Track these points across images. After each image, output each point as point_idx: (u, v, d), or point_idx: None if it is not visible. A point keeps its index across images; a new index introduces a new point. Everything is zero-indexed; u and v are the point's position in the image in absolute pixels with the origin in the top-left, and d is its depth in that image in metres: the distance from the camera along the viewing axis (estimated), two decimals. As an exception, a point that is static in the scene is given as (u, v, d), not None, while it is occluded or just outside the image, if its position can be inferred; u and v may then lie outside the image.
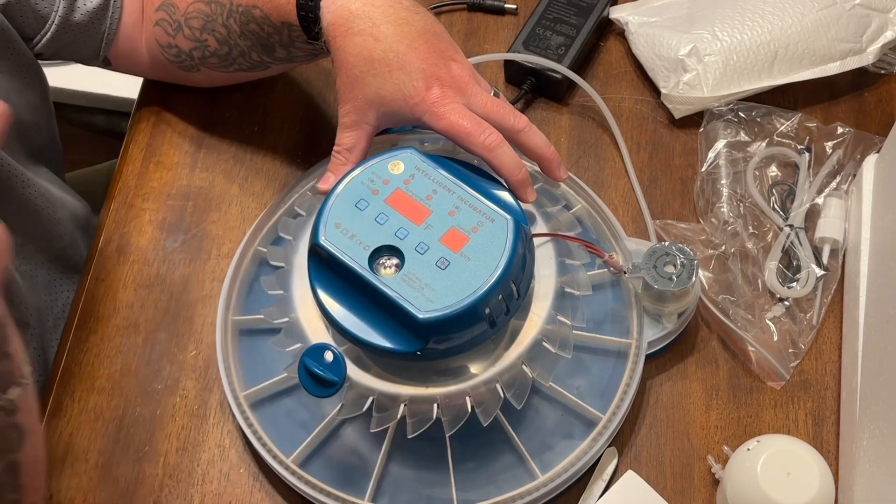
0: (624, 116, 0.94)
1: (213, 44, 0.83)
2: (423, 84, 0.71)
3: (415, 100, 0.72)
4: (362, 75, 0.72)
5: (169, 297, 0.86)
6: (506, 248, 0.66)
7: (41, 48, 0.87)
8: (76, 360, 0.83)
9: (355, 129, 0.74)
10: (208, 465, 0.78)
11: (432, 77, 0.72)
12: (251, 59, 0.84)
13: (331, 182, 0.73)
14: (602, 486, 0.76)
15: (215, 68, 0.87)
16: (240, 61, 0.84)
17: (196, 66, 0.87)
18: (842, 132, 0.90)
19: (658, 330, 0.78)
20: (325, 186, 0.74)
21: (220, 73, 0.88)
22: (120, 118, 1.36)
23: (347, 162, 0.74)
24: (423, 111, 0.72)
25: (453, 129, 0.71)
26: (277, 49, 0.81)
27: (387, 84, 0.72)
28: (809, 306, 0.83)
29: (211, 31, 0.83)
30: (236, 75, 0.88)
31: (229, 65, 0.85)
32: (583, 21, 0.95)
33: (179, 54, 0.86)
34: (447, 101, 0.72)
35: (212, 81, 0.93)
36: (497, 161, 0.71)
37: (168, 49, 0.87)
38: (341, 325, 0.67)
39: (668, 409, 0.79)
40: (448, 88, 0.72)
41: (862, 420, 0.73)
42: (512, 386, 0.72)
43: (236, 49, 0.83)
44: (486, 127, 0.72)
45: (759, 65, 0.91)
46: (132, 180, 0.92)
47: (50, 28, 0.85)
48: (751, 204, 0.87)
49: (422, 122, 0.72)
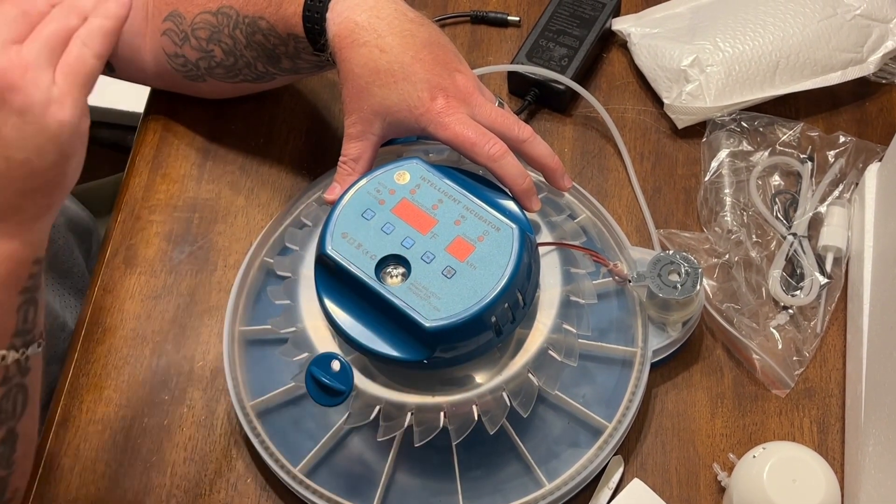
0: (627, 127, 0.94)
1: (220, 54, 0.84)
2: (428, 95, 0.72)
3: (419, 110, 0.72)
4: (368, 86, 0.73)
5: (176, 308, 0.86)
6: (511, 256, 0.67)
7: None
8: (84, 370, 0.83)
9: (361, 140, 0.75)
10: (216, 475, 0.79)
11: (437, 88, 0.72)
12: (256, 70, 0.84)
13: (337, 192, 0.74)
14: (608, 494, 0.76)
15: (221, 79, 0.87)
16: (245, 72, 0.85)
17: (202, 76, 0.88)
18: (844, 141, 0.91)
19: (663, 338, 0.78)
20: (331, 197, 0.74)
21: (225, 83, 0.89)
22: (125, 132, 1.37)
23: (353, 172, 0.75)
24: (428, 121, 0.72)
25: (458, 139, 0.72)
26: (283, 60, 0.82)
27: (392, 95, 0.72)
28: (813, 314, 0.83)
29: (217, 42, 0.83)
30: (241, 86, 0.89)
31: (235, 75, 0.86)
32: (585, 32, 0.96)
33: (186, 64, 0.87)
34: (452, 111, 0.72)
35: (217, 92, 0.93)
36: (501, 171, 0.72)
37: (175, 59, 0.87)
38: (348, 334, 0.67)
39: (674, 418, 0.80)
40: (453, 99, 0.73)
41: (867, 427, 0.73)
42: (518, 394, 0.72)
43: (242, 60, 0.83)
44: (490, 137, 0.72)
45: (761, 75, 0.91)
46: (139, 192, 0.92)
47: None
48: (754, 213, 0.87)
49: (427, 132, 0.73)
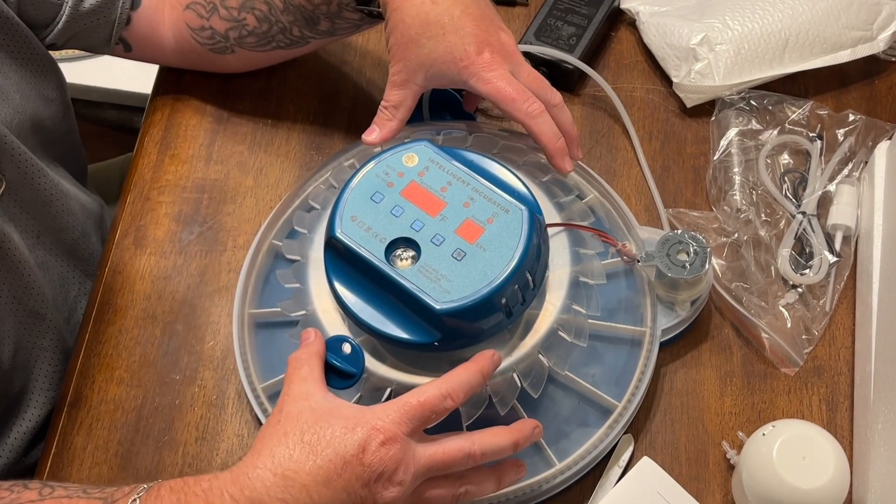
0: (635, 106, 0.94)
1: (253, 22, 0.85)
2: (475, 48, 0.74)
3: (465, 62, 0.74)
4: (417, 37, 0.75)
5: (186, 289, 0.86)
6: (521, 238, 0.67)
7: (54, 37, 0.87)
8: (95, 351, 0.84)
9: (403, 88, 0.77)
10: (227, 455, 0.79)
11: (483, 42, 0.75)
12: (291, 36, 0.85)
13: (375, 134, 0.78)
14: (618, 472, 0.76)
15: (252, 48, 0.88)
16: (279, 38, 0.86)
17: (230, 47, 0.88)
18: (853, 119, 0.90)
19: (671, 318, 0.79)
20: (369, 138, 0.78)
21: (255, 52, 0.89)
22: (132, 113, 1.37)
23: (393, 119, 0.78)
24: (472, 74, 0.75)
25: (500, 93, 0.74)
26: (322, 21, 0.83)
27: (439, 47, 0.74)
28: (822, 293, 0.83)
29: (250, 10, 0.84)
30: (273, 54, 0.89)
31: (267, 42, 0.86)
32: (594, 11, 0.95)
33: (213, 36, 0.87)
34: (496, 66, 0.75)
35: (243, 64, 0.93)
36: (538, 128, 0.75)
37: (201, 32, 0.87)
38: (359, 317, 0.67)
39: (683, 396, 0.80)
40: (497, 55, 0.75)
41: (876, 404, 0.74)
42: (528, 375, 0.72)
43: (277, 25, 0.84)
44: (529, 95, 0.75)
45: (771, 53, 0.91)
46: (148, 173, 0.92)
47: (62, 17, 0.86)
48: (763, 192, 0.87)
49: (468, 84, 0.75)
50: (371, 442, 0.61)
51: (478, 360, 0.66)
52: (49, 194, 0.87)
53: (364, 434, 0.61)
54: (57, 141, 0.93)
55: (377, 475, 0.61)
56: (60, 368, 0.86)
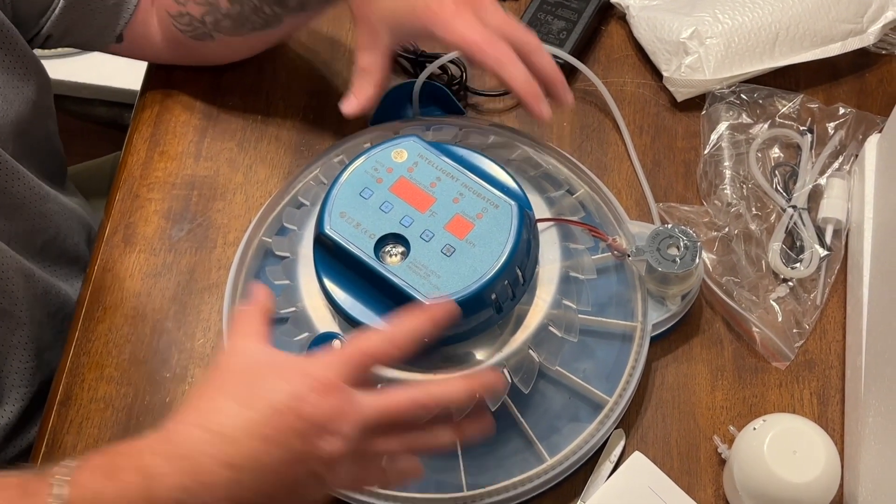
0: (626, 100, 0.94)
1: (225, 3, 0.84)
2: None
3: (427, 13, 0.73)
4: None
5: (176, 286, 0.86)
6: (511, 233, 0.67)
7: (50, 27, 0.86)
8: (85, 349, 0.83)
9: (372, 49, 0.76)
10: (218, 453, 0.79)
11: None
12: (263, 14, 0.84)
13: (351, 104, 0.77)
14: (610, 467, 0.76)
15: (229, 32, 0.87)
16: (252, 18, 0.84)
17: (209, 32, 0.87)
18: (843, 113, 0.90)
19: (662, 312, 0.79)
20: (348, 108, 0.77)
21: (234, 38, 0.88)
22: (122, 109, 1.36)
23: (369, 84, 0.76)
24: (434, 23, 0.73)
25: (465, 42, 0.72)
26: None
27: (399, 1, 0.73)
28: (813, 286, 0.83)
29: None
30: (251, 38, 0.88)
31: (242, 24, 0.85)
32: (583, 6, 0.95)
33: (192, 22, 0.86)
34: (460, 13, 0.72)
35: (226, 51, 0.92)
36: (508, 75, 0.72)
37: (179, 18, 0.87)
38: (348, 313, 0.67)
39: (674, 391, 0.80)
40: (461, 3, 0.73)
41: (867, 398, 0.74)
42: (519, 370, 0.72)
43: (248, 5, 0.83)
44: (496, 41, 0.72)
45: (761, 47, 0.91)
46: (137, 170, 0.92)
47: (58, 5, 0.85)
48: (754, 185, 0.87)
49: (433, 34, 0.73)
50: (306, 391, 0.56)
51: (429, 307, 0.63)
52: (23, 197, 0.85)
53: (299, 383, 0.57)
54: (37, 144, 0.91)
55: (315, 427, 0.56)
56: (33, 364, 0.85)
